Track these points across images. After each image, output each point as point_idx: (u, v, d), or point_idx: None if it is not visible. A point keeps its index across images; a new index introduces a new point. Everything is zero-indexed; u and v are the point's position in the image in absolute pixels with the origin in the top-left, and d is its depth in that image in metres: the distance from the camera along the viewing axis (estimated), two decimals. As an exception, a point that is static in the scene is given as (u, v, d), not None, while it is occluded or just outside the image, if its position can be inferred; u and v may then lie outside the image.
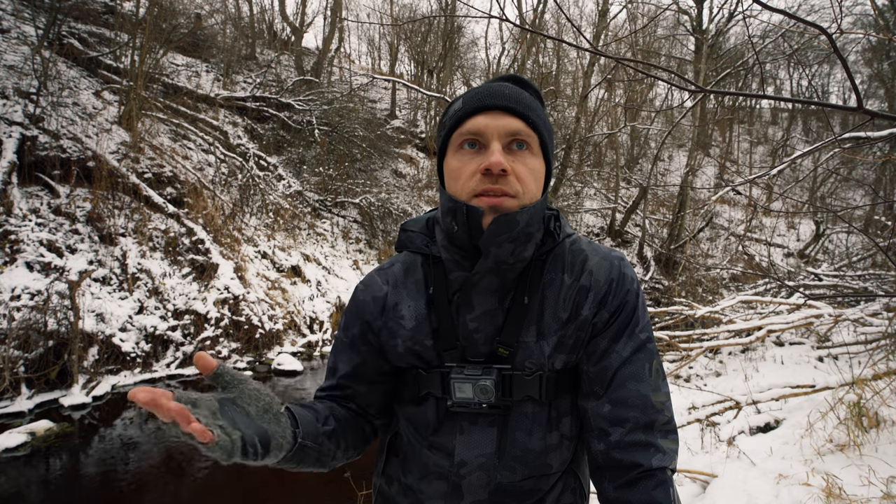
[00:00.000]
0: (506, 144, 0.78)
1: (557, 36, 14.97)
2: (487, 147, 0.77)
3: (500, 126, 0.77)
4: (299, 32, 15.95)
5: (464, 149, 0.79)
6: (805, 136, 21.74)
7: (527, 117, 0.78)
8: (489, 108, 0.78)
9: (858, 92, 1.63)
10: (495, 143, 0.76)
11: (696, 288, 10.78)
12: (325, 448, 0.80)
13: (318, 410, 0.84)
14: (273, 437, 0.68)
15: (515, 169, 0.77)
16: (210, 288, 6.74)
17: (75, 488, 3.56)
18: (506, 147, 0.78)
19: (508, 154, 0.78)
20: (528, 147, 0.79)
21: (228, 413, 0.65)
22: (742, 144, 21.49)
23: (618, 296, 0.81)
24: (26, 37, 7.89)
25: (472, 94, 0.81)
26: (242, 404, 0.68)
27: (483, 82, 0.88)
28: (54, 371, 5.03)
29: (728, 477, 2.59)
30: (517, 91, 0.80)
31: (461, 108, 0.80)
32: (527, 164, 0.78)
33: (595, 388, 0.80)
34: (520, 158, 0.78)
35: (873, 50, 12.86)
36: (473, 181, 0.77)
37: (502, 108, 0.78)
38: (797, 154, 4.03)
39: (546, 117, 0.84)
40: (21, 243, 5.55)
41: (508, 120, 0.78)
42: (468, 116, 0.79)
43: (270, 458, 0.69)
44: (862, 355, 4.25)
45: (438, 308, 0.83)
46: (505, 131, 0.77)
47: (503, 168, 0.74)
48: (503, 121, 0.77)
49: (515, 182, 0.77)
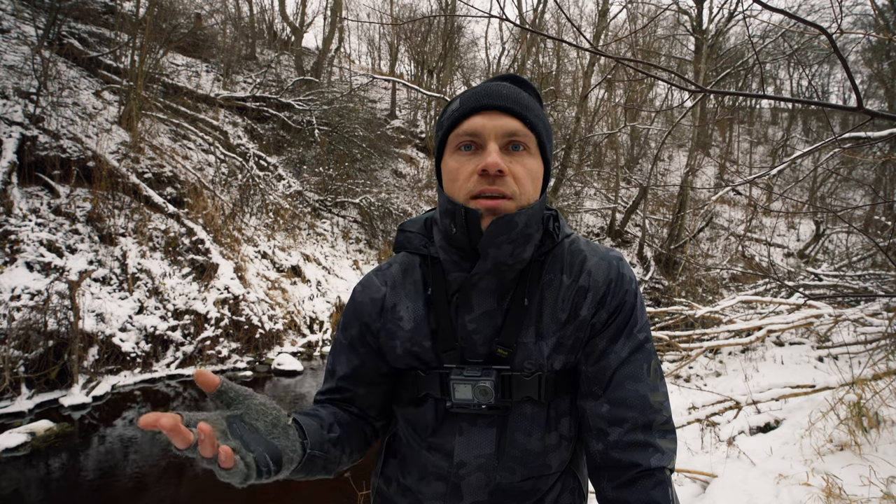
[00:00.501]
0: (503, 145, 0.77)
1: (557, 36, 14.97)
2: (484, 148, 0.77)
3: (498, 126, 0.76)
4: (299, 32, 15.95)
5: (461, 150, 0.78)
6: (805, 136, 21.72)
7: (524, 117, 0.78)
8: (486, 109, 0.77)
9: (858, 92, 1.63)
10: (492, 144, 0.76)
11: (696, 288, 10.74)
12: (331, 455, 0.80)
13: (323, 417, 0.83)
14: (284, 453, 0.68)
15: (513, 170, 0.76)
16: (210, 288, 6.73)
17: (75, 488, 3.55)
18: (503, 147, 0.77)
19: (506, 155, 0.77)
20: (526, 148, 0.78)
21: (238, 431, 0.65)
22: (742, 144, 21.47)
23: (616, 296, 0.81)
24: (26, 37, 7.89)
25: (469, 94, 0.80)
26: (250, 420, 0.67)
27: (482, 82, 0.87)
28: (54, 371, 5.02)
29: (728, 477, 2.59)
30: (515, 91, 0.80)
31: (458, 108, 0.79)
32: (524, 165, 0.78)
33: (593, 389, 0.80)
34: (517, 159, 0.77)
35: (873, 50, 12.87)
36: (471, 183, 0.76)
37: (499, 109, 0.77)
38: (797, 154, 4.03)
39: (545, 117, 0.83)
40: (21, 243, 5.54)
41: (506, 120, 0.77)
42: (465, 117, 0.78)
43: (282, 473, 0.69)
44: (862, 355, 4.24)
45: (437, 309, 0.83)
46: (502, 131, 0.77)
47: (500, 169, 0.74)
48: (500, 121, 0.77)
49: (512, 183, 0.76)
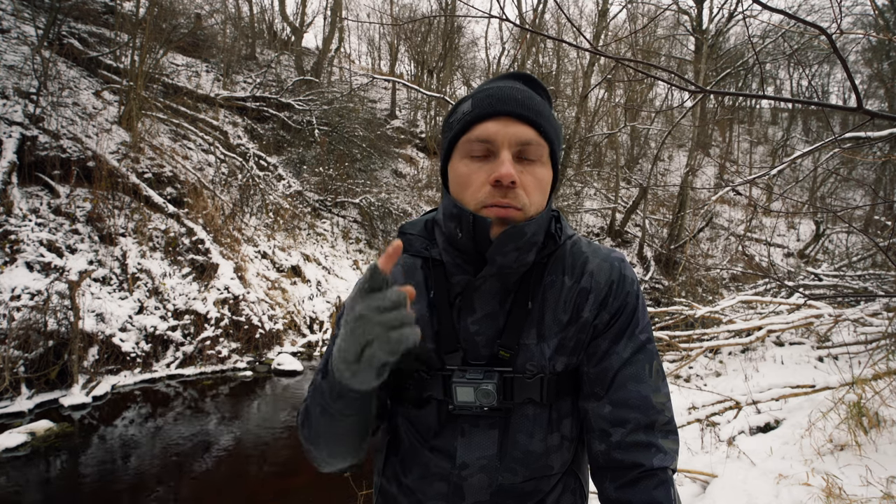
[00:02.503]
0: (515, 153, 0.76)
1: (557, 36, 14.96)
2: (497, 155, 0.75)
3: (511, 134, 0.75)
4: (299, 32, 15.94)
5: (472, 155, 0.77)
6: (805, 136, 21.69)
7: (539, 125, 0.76)
8: (500, 115, 0.75)
9: (858, 92, 1.63)
10: (505, 153, 0.74)
11: (696, 288, 10.67)
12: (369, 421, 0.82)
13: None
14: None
15: (524, 180, 0.76)
16: (210, 288, 6.72)
17: (75, 488, 3.56)
18: (515, 156, 0.76)
19: (518, 164, 0.76)
20: (539, 157, 0.77)
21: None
22: (742, 144, 21.42)
23: (618, 297, 0.81)
24: (26, 37, 7.87)
25: (482, 97, 0.78)
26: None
27: (491, 79, 0.86)
28: (54, 371, 5.02)
29: (728, 477, 2.60)
30: (529, 95, 0.78)
31: (470, 111, 0.77)
32: (535, 175, 0.77)
33: (596, 390, 0.81)
34: (529, 169, 0.76)
35: (873, 50, 12.86)
36: (483, 193, 0.75)
37: (514, 115, 0.75)
38: (797, 154, 4.03)
39: (556, 121, 0.82)
40: (21, 243, 5.54)
41: (519, 128, 0.75)
42: (478, 121, 0.76)
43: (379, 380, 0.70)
44: (862, 355, 4.25)
45: (440, 311, 0.83)
46: (516, 140, 0.75)
47: (513, 180, 0.73)
48: (514, 128, 0.75)
49: (523, 195, 0.75)
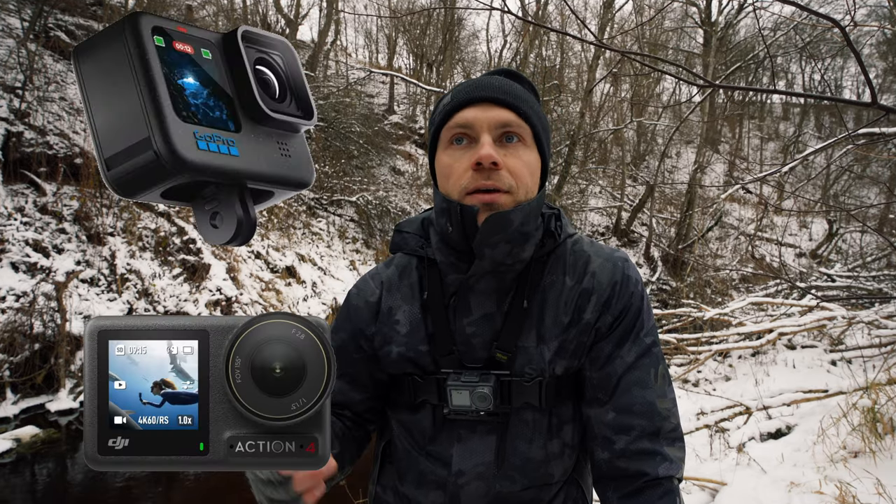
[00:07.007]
0: (497, 137, 0.76)
1: (561, 28, 14.80)
2: (478, 140, 0.76)
3: (490, 117, 0.76)
4: (294, 24, 15.93)
5: (453, 143, 0.78)
6: (817, 132, 21.78)
7: (517, 108, 0.77)
8: (478, 100, 0.77)
9: (872, 86, 1.63)
10: (485, 136, 0.75)
11: (705, 289, 10.82)
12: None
13: None
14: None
15: (508, 162, 0.76)
16: (202, 289, 6.87)
17: (62, 496, 3.60)
18: (497, 139, 0.76)
19: (500, 147, 0.76)
20: (521, 139, 0.78)
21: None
22: (752, 141, 21.61)
23: (622, 299, 0.80)
24: (11, 29, 7.84)
25: (460, 88, 0.81)
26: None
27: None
28: (40, 375, 5.11)
29: (738, 485, 2.59)
30: (507, 82, 0.80)
31: (450, 101, 0.79)
32: (520, 157, 0.77)
33: (599, 395, 0.80)
34: (512, 151, 0.77)
35: (888, 43, 12.72)
36: (465, 178, 0.75)
37: (491, 100, 0.77)
38: (809, 151, 4.01)
39: (540, 109, 0.82)
40: (6, 243, 5.70)
41: (498, 111, 0.76)
42: (457, 110, 0.78)
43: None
44: (876, 359, 4.20)
45: (434, 312, 0.82)
46: (495, 122, 0.76)
47: (494, 161, 0.73)
48: (493, 112, 0.76)
49: (508, 176, 0.75)
